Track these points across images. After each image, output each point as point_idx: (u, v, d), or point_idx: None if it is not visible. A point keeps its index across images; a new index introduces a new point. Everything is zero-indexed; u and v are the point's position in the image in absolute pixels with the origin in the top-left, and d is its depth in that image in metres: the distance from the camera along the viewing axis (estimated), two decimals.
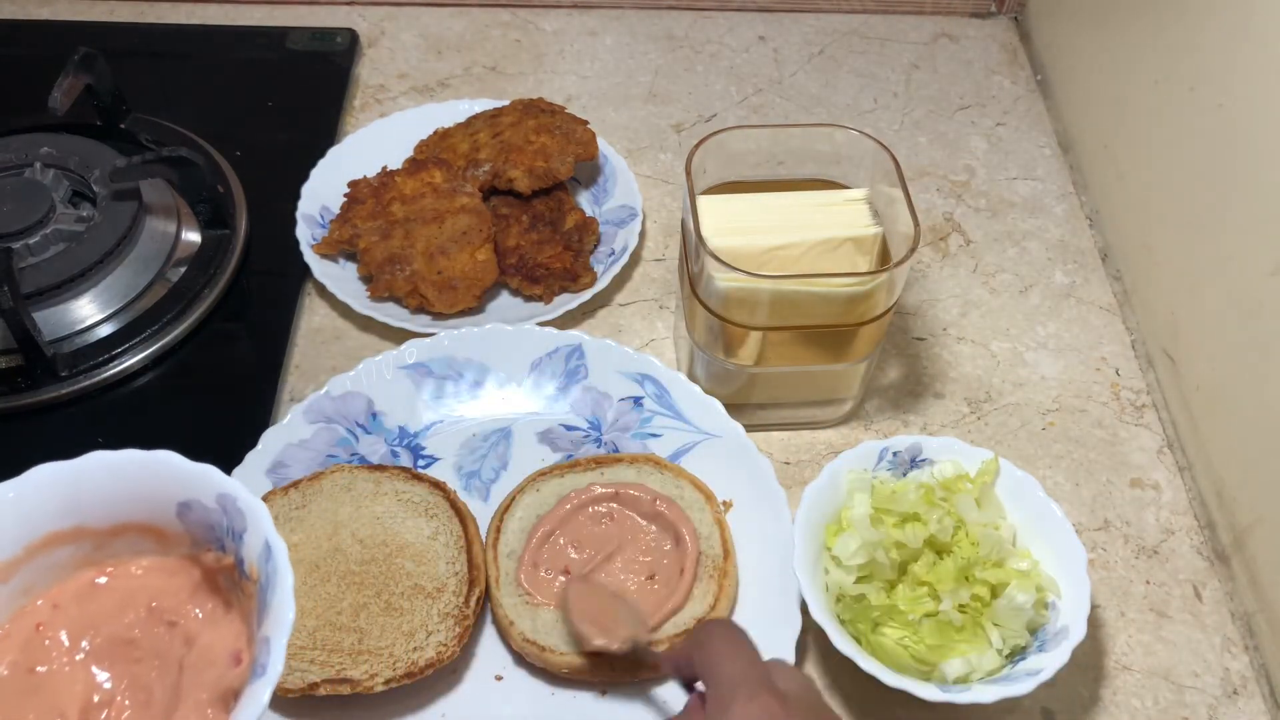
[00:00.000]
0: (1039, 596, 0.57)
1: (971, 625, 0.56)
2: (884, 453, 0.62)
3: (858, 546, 0.57)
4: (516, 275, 0.74)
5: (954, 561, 0.58)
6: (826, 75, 0.93)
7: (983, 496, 0.61)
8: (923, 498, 0.59)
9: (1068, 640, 0.55)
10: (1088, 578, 0.57)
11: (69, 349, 0.68)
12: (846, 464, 0.61)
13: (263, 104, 0.87)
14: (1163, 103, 0.74)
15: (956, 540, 0.59)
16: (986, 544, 0.58)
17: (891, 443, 0.62)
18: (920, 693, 0.53)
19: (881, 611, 0.56)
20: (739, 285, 0.59)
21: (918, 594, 0.57)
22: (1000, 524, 0.60)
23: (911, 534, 0.58)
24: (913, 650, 0.56)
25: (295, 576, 0.57)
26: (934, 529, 0.58)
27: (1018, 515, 0.61)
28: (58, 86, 0.74)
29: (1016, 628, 0.56)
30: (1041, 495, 0.60)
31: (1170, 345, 0.72)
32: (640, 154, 0.86)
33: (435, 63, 0.93)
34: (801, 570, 0.56)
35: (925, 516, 0.59)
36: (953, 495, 0.60)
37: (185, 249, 0.74)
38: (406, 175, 0.78)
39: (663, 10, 0.98)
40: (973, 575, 0.57)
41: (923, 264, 0.79)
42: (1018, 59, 0.96)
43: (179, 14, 0.94)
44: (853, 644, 0.55)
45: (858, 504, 0.59)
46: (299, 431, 0.64)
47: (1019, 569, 0.58)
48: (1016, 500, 0.61)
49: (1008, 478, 0.61)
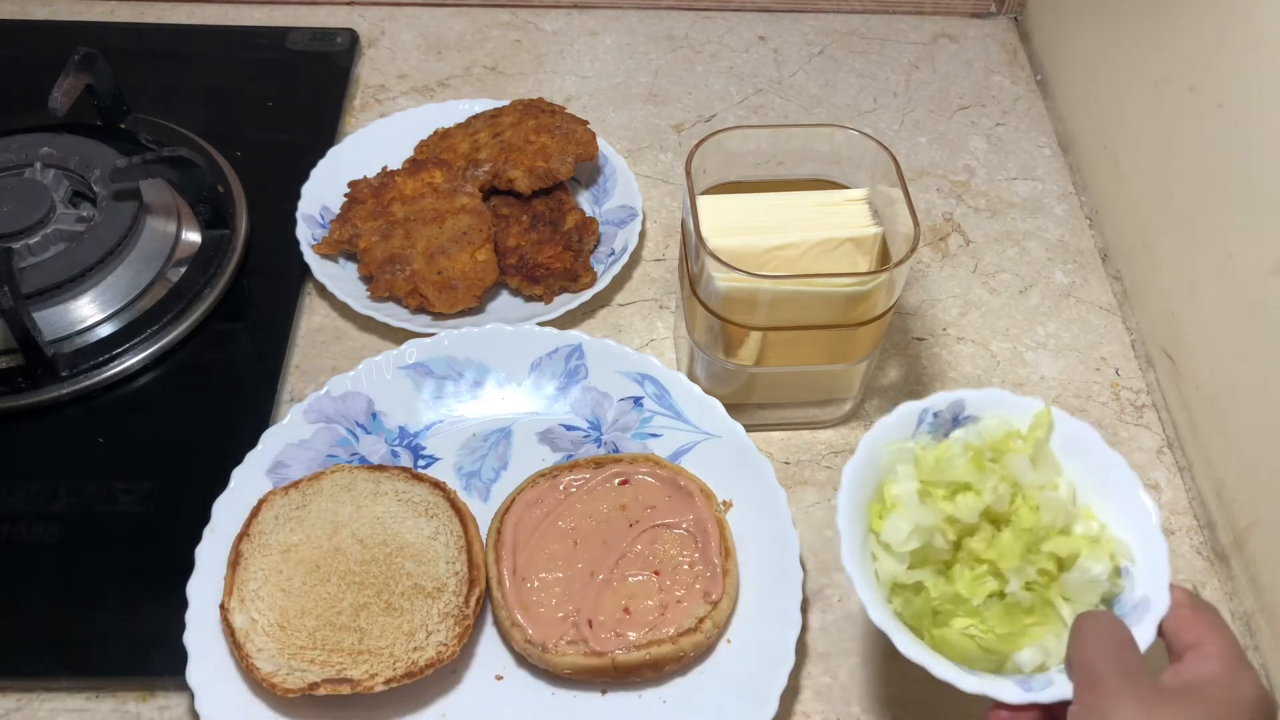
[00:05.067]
0: (1113, 565, 0.50)
1: (1041, 605, 0.50)
2: (924, 415, 0.54)
3: (910, 530, 0.50)
4: (516, 275, 0.74)
5: (1014, 533, 0.50)
6: (826, 75, 0.93)
7: (1037, 454, 0.53)
8: (971, 462, 0.52)
9: (1150, 613, 0.47)
10: (1163, 538, 0.50)
11: (69, 349, 0.68)
12: (884, 434, 0.53)
13: (263, 104, 0.87)
14: (1163, 103, 0.74)
15: (1014, 509, 0.52)
16: (1049, 509, 0.51)
17: (931, 402, 0.54)
18: (1003, 695, 0.47)
19: (943, 600, 0.50)
20: (739, 285, 0.59)
21: (978, 574, 0.50)
22: (1059, 483, 0.53)
23: (965, 506, 0.51)
24: (981, 641, 0.49)
25: (295, 576, 0.57)
26: (989, 498, 0.51)
27: (1075, 471, 0.53)
28: (58, 86, 0.74)
29: (1091, 602, 0.50)
30: (1103, 447, 0.53)
31: (1170, 345, 0.72)
32: (640, 154, 0.86)
33: (435, 63, 0.93)
34: (852, 564, 0.49)
35: (978, 485, 0.51)
36: (1003, 456, 0.53)
37: (185, 249, 0.74)
38: (406, 175, 0.78)
39: (663, 10, 0.98)
40: (1037, 547, 0.50)
41: (923, 264, 0.79)
42: (1018, 59, 0.96)
43: (179, 14, 0.94)
44: (920, 646, 0.48)
45: (902, 478, 0.52)
46: (299, 431, 0.64)
47: (1089, 534, 0.51)
48: (1073, 455, 0.53)
49: (1061, 430, 0.54)
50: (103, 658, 0.57)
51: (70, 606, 0.59)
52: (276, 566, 0.57)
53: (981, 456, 0.53)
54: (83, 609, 0.59)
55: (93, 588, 0.59)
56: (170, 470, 0.64)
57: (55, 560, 0.60)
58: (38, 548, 0.61)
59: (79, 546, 0.61)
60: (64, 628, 0.58)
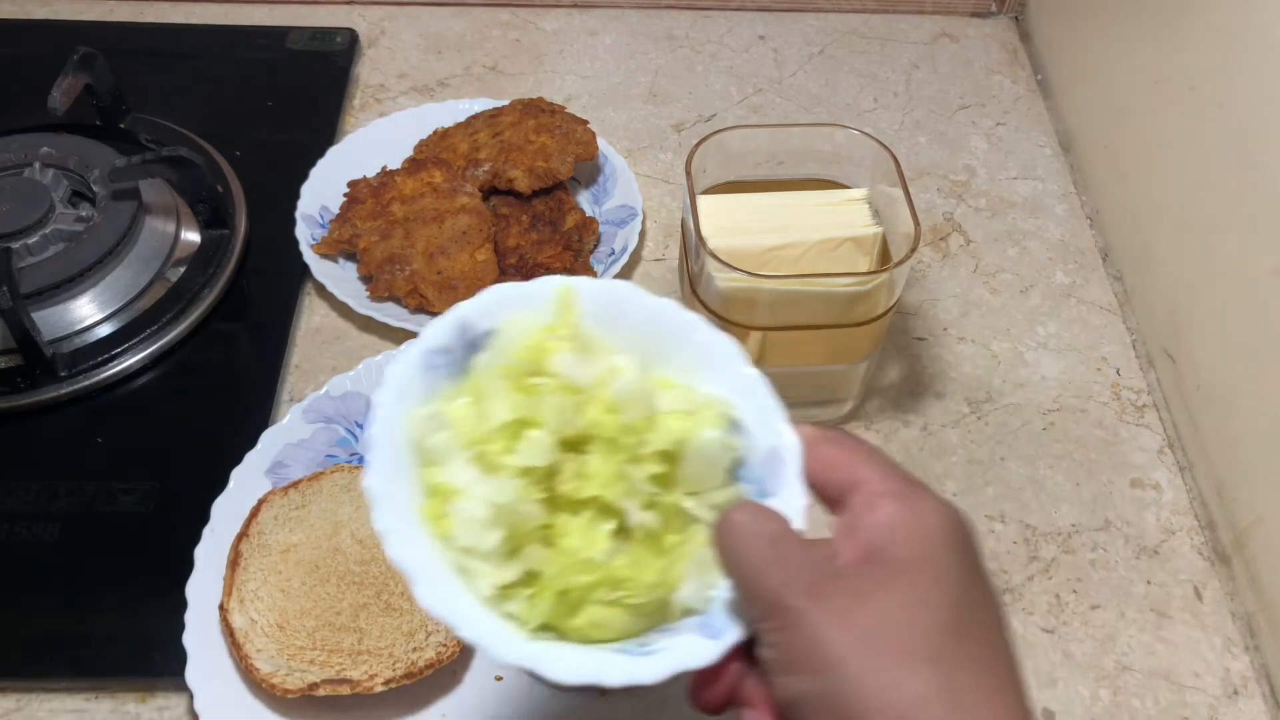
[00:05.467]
0: (722, 424, 0.40)
1: (673, 517, 0.39)
2: (430, 360, 0.40)
3: (486, 514, 0.37)
4: (516, 275, 0.74)
5: (602, 449, 0.39)
6: (826, 75, 0.93)
7: (581, 342, 0.41)
8: (513, 390, 0.39)
9: (785, 464, 0.38)
10: (755, 371, 0.40)
11: (68, 349, 0.68)
12: (394, 410, 0.38)
13: (262, 104, 0.87)
14: (1163, 102, 0.74)
15: (589, 420, 0.39)
16: (627, 402, 0.39)
17: (430, 339, 0.40)
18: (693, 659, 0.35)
19: (564, 575, 0.37)
20: (739, 285, 0.59)
21: (588, 520, 0.38)
22: (621, 365, 0.40)
23: (532, 448, 0.38)
24: (630, 601, 0.37)
25: (295, 577, 0.57)
26: (554, 423, 0.39)
27: (629, 340, 0.41)
28: (57, 86, 0.74)
29: (719, 482, 0.39)
30: (644, 296, 0.42)
31: (1171, 345, 0.72)
32: (640, 154, 0.86)
33: (435, 62, 0.93)
34: (438, 602, 0.35)
35: (533, 414, 0.39)
36: (543, 362, 0.40)
37: (185, 249, 0.74)
38: (406, 175, 0.77)
39: (663, 10, 0.98)
40: (635, 452, 0.39)
41: (923, 264, 0.79)
42: (1018, 59, 0.96)
43: (179, 14, 0.94)
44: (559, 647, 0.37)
45: (444, 455, 0.39)
46: (299, 431, 0.64)
47: (682, 407, 0.40)
48: (619, 322, 0.42)
49: (592, 300, 0.42)
50: (102, 658, 0.57)
51: (69, 607, 0.59)
52: (276, 567, 0.57)
53: (521, 376, 0.40)
54: (82, 609, 0.59)
55: (92, 588, 0.59)
56: (170, 470, 0.64)
57: (54, 560, 0.60)
58: (37, 548, 0.60)
59: (78, 546, 0.61)
60: (63, 628, 0.58)
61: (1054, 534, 0.65)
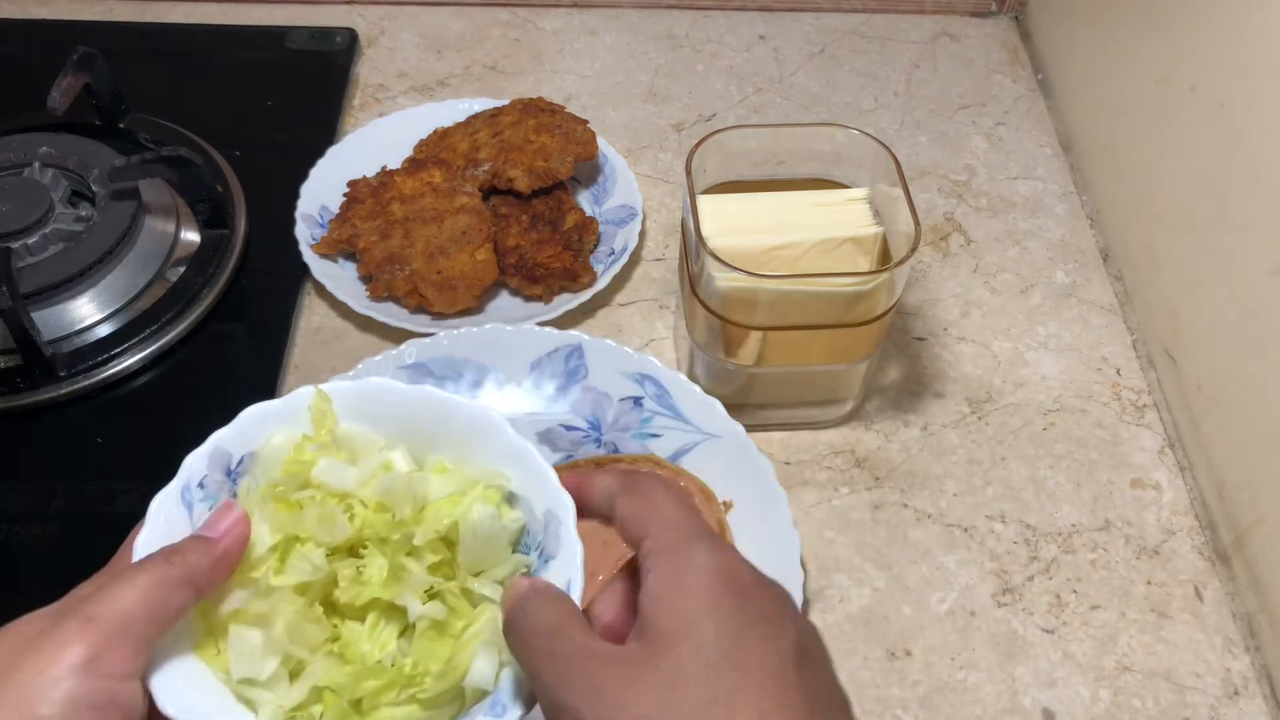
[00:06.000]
0: (497, 497, 0.40)
1: (457, 598, 0.39)
2: (186, 495, 0.40)
3: (263, 644, 0.37)
4: (516, 275, 0.74)
5: (375, 550, 0.39)
6: (827, 74, 0.93)
7: (341, 446, 0.41)
8: (277, 510, 0.39)
9: (562, 525, 0.38)
10: (506, 425, 0.40)
11: (68, 349, 0.68)
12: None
13: (262, 104, 0.86)
14: (1163, 102, 0.74)
15: (358, 523, 0.39)
16: (393, 498, 0.39)
17: (186, 475, 0.41)
18: None
19: (352, 686, 0.37)
20: (739, 285, 0.59)
21: (371, 625, 0.39)
22: (389, 459, 0.41)
23: (303, 565, 0.38)
24: (422, 696, 0.37)
25: None
26: (324, 537, 0.39)
27: (395, 429, 0.42)
28: (57, 86, 0.74)
29: (505, 556, 0.40)
30: (405, 390, 0.42)
31: (1171, 345, 0.72)
32: (640, 154, 0.86)
33: (435, 62, 0.93)
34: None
35: (301, 530, 0.39)
36: (305, 475, 0.40)
37: (184, 249, 0.74)
38: (406, 175, 0.77)
39: (663, 10, 0.98)
40: (410, 547, 0.39)
41: (923, 264, 0.79)
42: (1018, 58, 0.96)
43: (178, 13, 0.94)
44: None
45: (222, 591, 0.38)
46: None
47: (450, 490, 0.40)
48: (381, 418, 0.42)
49: (348, 402, 0.42)
50: None
51: None
52: None
53: (283, 494, 0.40)
54: None
55: None
56: (169, 470, 0.64)
57: (54, 560, 0.60)
58: (36, 548, 0.60)
59: (78, 546, 0.61)
60: None
61: (1054, 534, 0.65)
